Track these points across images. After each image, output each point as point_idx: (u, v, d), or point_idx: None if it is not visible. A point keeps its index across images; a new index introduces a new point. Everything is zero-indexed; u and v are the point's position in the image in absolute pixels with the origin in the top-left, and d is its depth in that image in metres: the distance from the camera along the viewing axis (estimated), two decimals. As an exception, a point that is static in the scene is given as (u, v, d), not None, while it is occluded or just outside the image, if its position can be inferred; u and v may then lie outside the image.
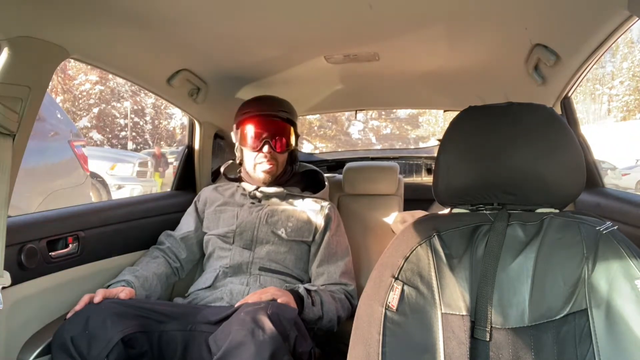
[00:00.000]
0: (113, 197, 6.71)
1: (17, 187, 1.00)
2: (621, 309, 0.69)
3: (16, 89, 0.94)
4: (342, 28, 1.19)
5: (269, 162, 1.45)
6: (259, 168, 1.46)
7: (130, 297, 1.21)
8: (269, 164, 1.45)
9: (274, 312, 1.05)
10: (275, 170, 1.48)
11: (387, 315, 0.72)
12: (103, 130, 20.79)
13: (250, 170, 1.50)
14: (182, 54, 1.36)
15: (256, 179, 1.49)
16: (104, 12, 1.02)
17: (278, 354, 0.97)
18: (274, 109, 1.47)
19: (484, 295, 0.74)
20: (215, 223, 1.47)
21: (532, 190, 0.80)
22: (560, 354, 0.71)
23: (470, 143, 0.83)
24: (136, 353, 1.09)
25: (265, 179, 1.47)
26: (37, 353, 1.10)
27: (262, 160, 1.45)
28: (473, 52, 1.37)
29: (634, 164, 12.45)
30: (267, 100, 1.50)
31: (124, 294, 1.19)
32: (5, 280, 0.95)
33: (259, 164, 1.46)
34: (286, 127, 1.48)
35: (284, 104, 1.51)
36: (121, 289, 1.21)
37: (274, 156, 1.46)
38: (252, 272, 1.36)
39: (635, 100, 22.50)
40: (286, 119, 1.48)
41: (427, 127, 24.28)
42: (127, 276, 1.29)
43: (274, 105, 1.48)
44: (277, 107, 1.48)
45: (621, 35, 1.06)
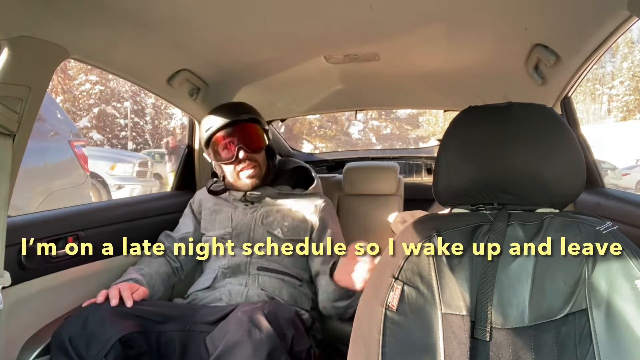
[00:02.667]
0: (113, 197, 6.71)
1: (17, 187, 1.00)
2: (621, 309, 0.69)
3: (16, 89, 0.94)
4: (342, 28, 1.19)
5: (249, 166, 1.42)
6: (243, 175, 1.43)
7: (143, 297, 1.21)
8: (250, 167, 1.42)
9: (271, 312, 1.06)
10: (259, 171, 1.45)
11: (387, 315, 0.72)
12: (103, 130, 20.79)
13: (233, 182, 1.47)
14: (182, 54, 1.36)
15: (243, 186, 1.46)
16: (104, 12, 1.02)
17: (275, 353, 0.98)
18: (232, 115, 1.43)
19: (484, 295, 0.74)
20: (212, 224, 1.47)
21: (532, 190, 0.80)
22: (560, 354, 0.71)
23: (470, 143, 0.83)
24: (134, 353, 1.09)
25: (252, 184, 1.44)
26: (37, 353, 1.10)
27: (242, 167, 1.42)
28: (473, 52, 1.37)
29: (634, 164, 12.45)
30: (224, 110, 1.46)
31: (137, 295, 1.19)
32: (5, 280, 0.95)
33: (241, 172, 1.43)
34: (252, 126, 1.44)
35: (242, 106, 1.48)
36: (136, 286, 1.22)
37: (252, 158, 1.43)
38: (250, 272, 1.36)
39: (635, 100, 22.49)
40: (248, 120, 1.44)
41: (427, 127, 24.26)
42: (134, 275, 1.29)
43: (231, 112, 1.44)
44: (234, 112, 1.44)
45: (621, 35, 1.06)
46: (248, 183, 1.45)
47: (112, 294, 1.14)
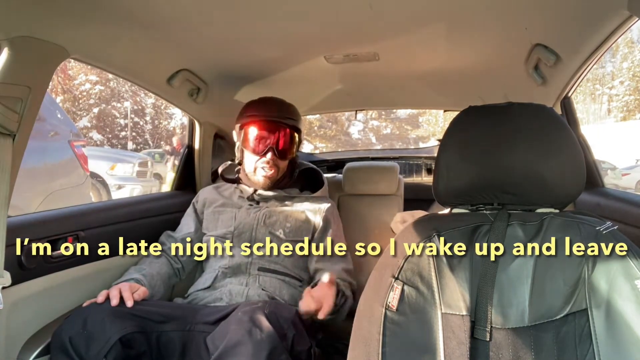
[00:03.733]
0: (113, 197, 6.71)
1: (16, 187, 1.00)
2: (621, 309, 0.69)
3: (16, 89, 0.94)
4: (342, 28, 1.19)
5: (270, 168, 1.43)
6: (260, 172, 1.44)
7: (143, 297, 1.21)
8: (271, 169, 1.43)
9: (272, 312, 1.06)
10: (276, 175, 1.46)
11: (387, 315, 0.72)
12: (103, 130, 20.79)
13: (250, 173, 1.48)
14: (182, 54, 1.36)
15: (255, 182, 1.47)
16: (104, 12, 1.02)
17: (275, 353, 0.98)
18: (282, 115, 1.44)
19: (484, 295, 0.74)
20: (214, 224, 1.47)
21: (532, 190, 0.80)
22: (560, 354, 0.71)
23: (470, 143, 0.83)
24: (135, 353, 1.09)
25: (264, 184, 1.46)
26: (37, 353, 1.10)
27: (263, 165, 1.43)
28: (473, 52, 1.37)
29: (634, 164, 12.44)
30: (274, 105, 1.46)
31: (138, 295, 1.19)
32: (5, 280, 0.95)
33: (260, 168, 1.44)
34: (292, 134, 1.45)
35: (291, 109, 1.48)
36: (136, 286, 1.22)
37: (276, 162, 1.43)
38: (251, 273, 1.35)
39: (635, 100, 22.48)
40: (292, 126, 1.45)
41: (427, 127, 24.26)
42: (134, 275, 1.29)
43: (282, 110, 1.45)
44: (284, 112, 1.45)
45: (621, 35, 1.06)
46: (261, 182, 1.45)
47: (113, 294, 1.14)
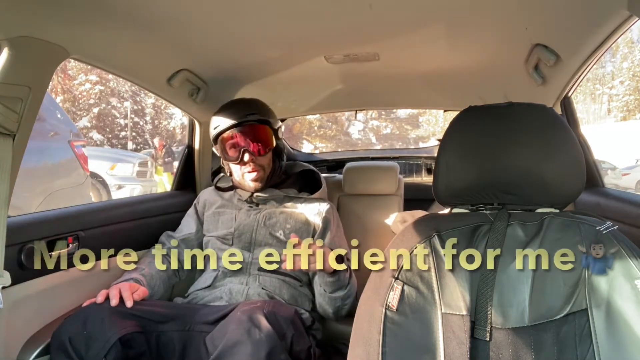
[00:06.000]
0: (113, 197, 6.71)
1: (16, 187, 1.00)
2: (621, 309, 0.69)
3: (16, 89, 0.94)
4: (342, 28, 1.19)
5: (253, 170, 1.42)
6: (247, 177, 1.44)
7: (143, 297, 1.22)
8: (254, 171, 1.42)
9: (271, 311, 1.06)
10: (263, 174, 1.45)
11: (388, 315, 0.72)
12: (103, 130, 20.79)
13: (239, 180, 1.48)
14: (182, 54, 1.36)
15: (247, 187, 1.47)
16: (104, 12, 1.02)
17: (274, 353, 0.98)
18: (242, 114, 1.41)
19: (484, 295, 0.74)
20: (215, 225, 1.47)
21: (532, 190, 0.80)
22: (560, 353, 0.71)
23: (470, 143, 0.83)
24: (134, 353, 1.09)
25: (255, 187, 1.45)
26: (37, 353, 1.10)
27: (246, 169, 1.43)
28: (473, 52, 1.37)
29: (634, 164, 12.44)
30: (234, 108, 1.45)
31: (137, 295, 1.19)
32: (5, 280, 0.95)
33: (246, 174, 1.44)
34: (260, 128, 1.43)
35: (252, 105, 1.46)
36: (136, 286, 1.22)
37: (257, 161, 1.42)
38: (251, 273, 1.35)
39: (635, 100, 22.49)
40: (257, 120, 1.43)
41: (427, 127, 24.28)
42: (134, 275, 1.29)
43: (241, 110, 1.43)
44: (245, 111, 1.42)
45: (621, 35, 1.06)
46: (252, 186, 1.45)
47: (112, 294, 1.15)
